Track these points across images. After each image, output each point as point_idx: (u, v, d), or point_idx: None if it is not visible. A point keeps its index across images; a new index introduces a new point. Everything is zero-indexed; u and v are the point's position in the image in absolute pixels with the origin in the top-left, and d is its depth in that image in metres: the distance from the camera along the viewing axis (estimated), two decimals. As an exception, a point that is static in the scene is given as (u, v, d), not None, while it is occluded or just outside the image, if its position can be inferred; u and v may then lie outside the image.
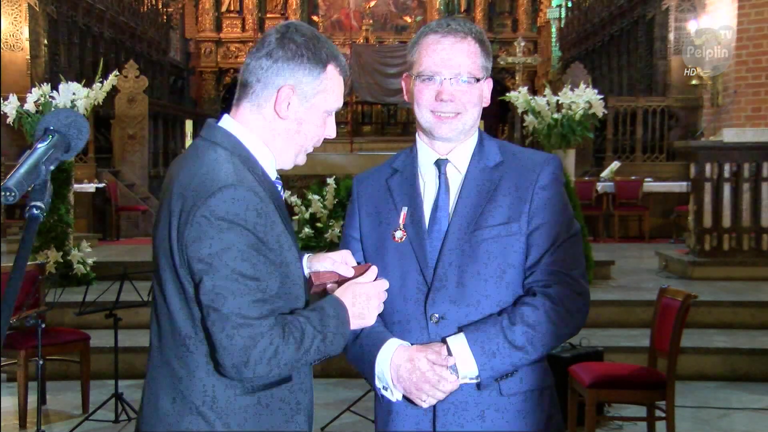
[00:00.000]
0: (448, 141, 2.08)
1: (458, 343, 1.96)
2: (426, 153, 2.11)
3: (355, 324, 1.93)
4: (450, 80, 2.03)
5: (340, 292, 1.95)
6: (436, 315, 2.01)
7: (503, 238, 2.01)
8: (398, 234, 2.06)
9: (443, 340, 1.98)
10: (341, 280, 1.99)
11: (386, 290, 2.06)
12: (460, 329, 1.98)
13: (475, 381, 1.98)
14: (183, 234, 1.77)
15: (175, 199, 1.81)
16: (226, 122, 1.91)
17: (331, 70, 1.91)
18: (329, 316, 1.87)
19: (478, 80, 2.06)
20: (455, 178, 2.08)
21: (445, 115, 2.04)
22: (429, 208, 2.08)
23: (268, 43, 1.90)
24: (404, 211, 2.08)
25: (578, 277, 2.02)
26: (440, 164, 2.09)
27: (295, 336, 1.79)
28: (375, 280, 2.00)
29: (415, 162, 2.13)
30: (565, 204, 2.07)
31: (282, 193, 1.96)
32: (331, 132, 1.97)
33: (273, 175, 1.93)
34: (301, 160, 1.97)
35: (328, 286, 1.99)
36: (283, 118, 1.89)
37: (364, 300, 1.95)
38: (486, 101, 2.11)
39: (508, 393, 2.00)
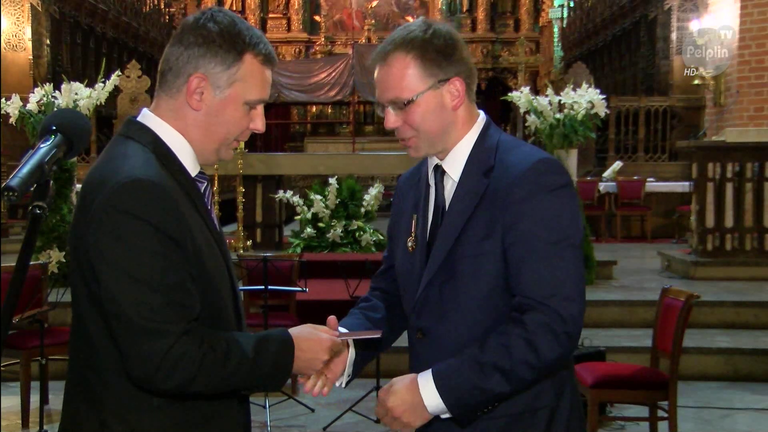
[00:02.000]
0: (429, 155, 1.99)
1: (425, 379, 1.85)
2: (432, 158, 2.01)
3: (297, 369, 1.78)
4: (389, 108, 1.92)
5: (296, 331, 1.79)
6: (420, 331, 1.97)
7: (480, 255, 1.86)
8: (409, 243, 1.99)
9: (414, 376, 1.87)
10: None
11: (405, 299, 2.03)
12: (439, 348, 1.91)
13: (447, 415, 1.84)
14: (85, 230, 1.64)
15: (81, 196, 1.70)
16: (144, 116, 1.77)
17: (249, 59, 1.74)
18: (268, 351, 1.71)
19: (410, 102, 1.88)
20: (451, 186, 1.96)
21: (402, 140, 1.95)
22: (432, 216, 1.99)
23: (181, 29, 1.76)
24: (414, 219, 2.00)
25: (556, 305, 1.78)
26: (438, 170, 1.98)
27: (216, 349, 1.64)
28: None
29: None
30: (551, 216, 1.82)
31: (207, 191, 1.79)
32: (259, 126, 1.79)
33: (194, 171, 1.77)
34: (226, 154, 1.80)
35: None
36: (197, 110, 1.73)
37: (315, 350, 1.79)
38: (450, 105, 1.91)
39: (490, 415, 1.87)
